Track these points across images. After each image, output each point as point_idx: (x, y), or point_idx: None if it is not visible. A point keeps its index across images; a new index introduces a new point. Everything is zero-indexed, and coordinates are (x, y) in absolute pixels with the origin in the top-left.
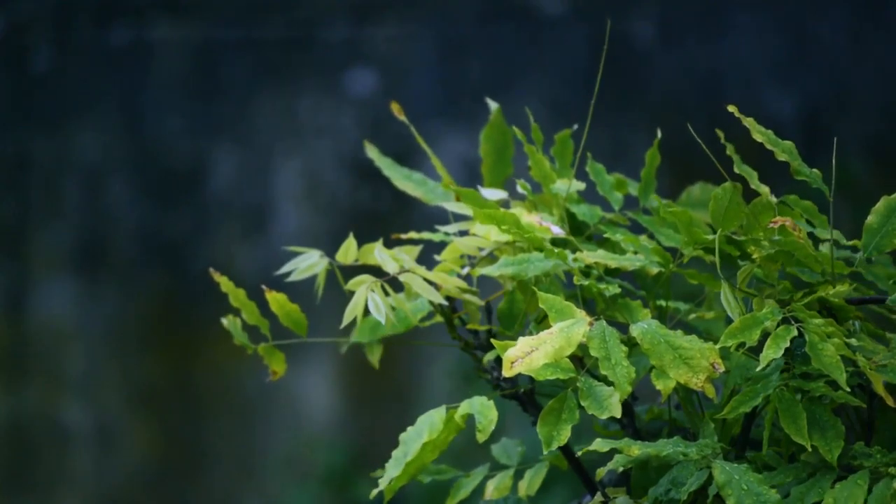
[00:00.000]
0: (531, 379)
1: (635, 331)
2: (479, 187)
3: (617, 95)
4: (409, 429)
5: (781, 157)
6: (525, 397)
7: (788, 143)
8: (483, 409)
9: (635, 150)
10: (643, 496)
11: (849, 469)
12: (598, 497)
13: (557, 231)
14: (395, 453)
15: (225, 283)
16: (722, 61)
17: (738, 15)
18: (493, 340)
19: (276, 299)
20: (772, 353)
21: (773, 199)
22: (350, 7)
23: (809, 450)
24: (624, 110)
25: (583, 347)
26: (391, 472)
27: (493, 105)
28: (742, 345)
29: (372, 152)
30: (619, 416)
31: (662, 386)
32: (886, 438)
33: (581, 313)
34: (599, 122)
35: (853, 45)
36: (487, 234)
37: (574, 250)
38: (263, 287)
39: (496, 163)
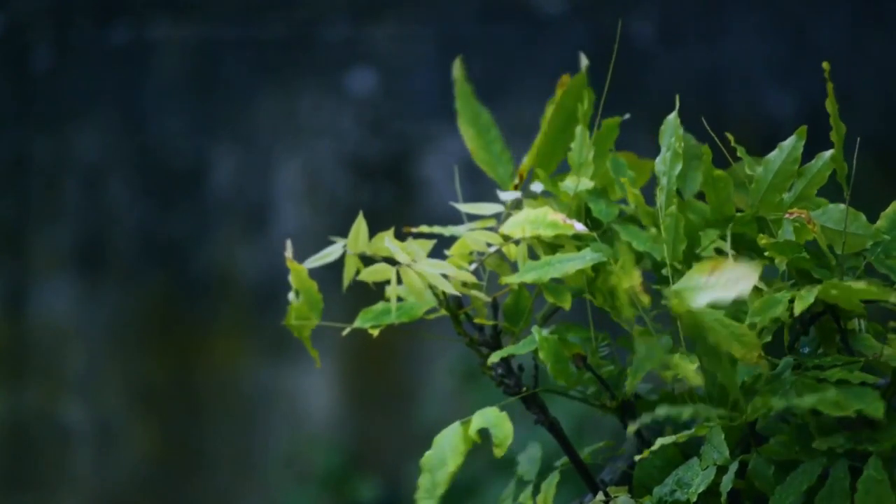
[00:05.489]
0: (535, 378)
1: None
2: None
3: (617, 95)
4: (429, 454)
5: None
6: (528, 396)
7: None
8: (498, 422)
9: (634, 149)
10: (645, 495)
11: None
12: (600, 496)
13: (581, 228)
14: (421, 483)
15: (290, 260)
16: (722, 61)
17: (738, 15)
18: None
19: (297, 271)
20: (801, 304)
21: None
22: (350, 7)
23: (853, 415)
24: (623, 110)
25: (582, 345)
26: None
27: (584, 61)
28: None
29: (458, 71)
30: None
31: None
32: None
33: None
34: (599, 121)
35: (853, 45)
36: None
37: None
38: (287, 255)
39: (557, 140)
